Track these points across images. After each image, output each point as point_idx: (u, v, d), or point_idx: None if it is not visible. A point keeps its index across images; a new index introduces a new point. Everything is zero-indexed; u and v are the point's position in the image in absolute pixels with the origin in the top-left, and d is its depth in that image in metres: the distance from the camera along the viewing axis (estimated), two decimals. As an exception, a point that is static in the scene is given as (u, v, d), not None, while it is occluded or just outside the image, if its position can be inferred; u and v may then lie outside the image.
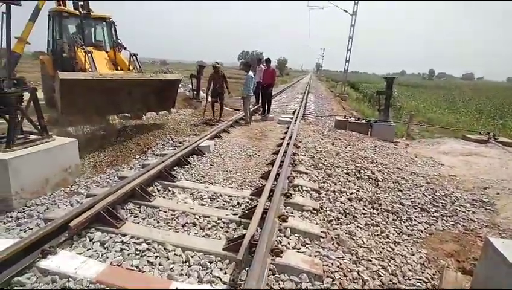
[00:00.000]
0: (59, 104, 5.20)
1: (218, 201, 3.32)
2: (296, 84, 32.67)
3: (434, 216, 3.90)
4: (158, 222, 2.80)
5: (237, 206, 3.23)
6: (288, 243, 2.51)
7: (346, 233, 3.15)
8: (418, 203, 4.14)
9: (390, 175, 4.95)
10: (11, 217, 3.07)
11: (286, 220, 2.83)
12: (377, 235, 3.32)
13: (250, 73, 8.10)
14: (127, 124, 6.96)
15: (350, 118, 9.50)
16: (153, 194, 3.36)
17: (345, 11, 20.15)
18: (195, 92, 11.60)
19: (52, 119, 6.02)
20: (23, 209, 3.21)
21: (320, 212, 3.38)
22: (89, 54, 6.40)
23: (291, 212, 3.17)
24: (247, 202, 3.33)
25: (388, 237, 3.31)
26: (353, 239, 3.08)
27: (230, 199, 3.37)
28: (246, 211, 2.96)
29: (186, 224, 2.76)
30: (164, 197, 3.39)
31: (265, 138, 6.58)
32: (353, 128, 8.67)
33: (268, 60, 9.51)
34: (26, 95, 3.81)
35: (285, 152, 4.97)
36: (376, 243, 3.16)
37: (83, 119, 6.01)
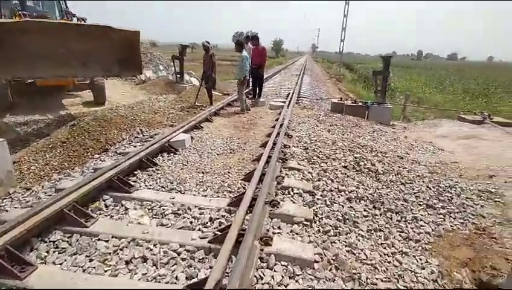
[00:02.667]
0: None
1: (185, 217, 2.65)
2: (291, 66, 31.68)
3: (441, 213, 3.41)
4: (91, 261, 2.03)
5: (209, 224, 2.57)
6: (272, 278, 1.92)
7: (345, 246, 2.62)
8: (423, 199, 3.64)
9: (391, 165, 4.40)
10: None
11: (270, 243, 2.24)
12: (381, 244, 2.81)
13: (244, 53, 7.15)
14: (88, 113, 6.18)
15: (346, 100, 8.88)
16: (96, 214, 2.64)
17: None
18: (178, 76, 10.82)
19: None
20: None
21: (315, 222, 2.82)
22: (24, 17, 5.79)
23: (278, 227, 2.59)
24: (223, 216, 2.69)
25: (394, 245, 2.80)
26: (354, 254, 2.56)
27: (202, 214, 2.71)
28: (219, 233, 2.32)
29: (133, 259, 2.03)
30: (112, 216, 2.64)
31: (254, 126, 5.93)
32: (350, 111, 8.08)
33: (255, 38, 8.59)
34: None
35: (274, 144, 4.37)
36: (381, 255, 2.65)
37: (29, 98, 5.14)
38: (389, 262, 2.59)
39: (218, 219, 2.67)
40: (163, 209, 2.78)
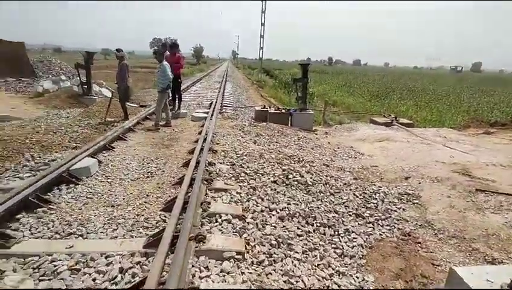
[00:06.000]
0: None
1: (86, 274, 2.05)
2: (213, 73, 31.39)
3: (370, 222, 3.47)
4: None
5: (119, 278, 2.03)
6: None
7: (282, 275, 2.39)
8: (352, 208, 3.68)
9: (319, 175, 4.41)
10: None
11: (196, 295, 1.84)
12: (318, 265, 2.65)
13: (165, 62, 6.60)
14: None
15: (270, 108, 8.94)
16: None
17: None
18: (85, 86, 9.45)
19: None
20: None
21: (248, 252, 2.51)
22: None
23: (206, 268, 2.20)
24: (138, 263, 2.18)
25: (330, 266, 2.68)
26: (292, 284, 2.33)
27: (109, 265, 2.14)
28: None
29: None
30: None
31: (175, 142, 5.36)
32: (274, 119, 8.14)
33: (174, 45, 8.03)
34: None
35: (198, 162, 3.95)
36: (319, 279, 2.49)
37: None
38: (327, 287, 2.44)
39: (132, 268, 2.15)
40: (56, 266, 2.13)
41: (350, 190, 4.15)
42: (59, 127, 5.84)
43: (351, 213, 3.58)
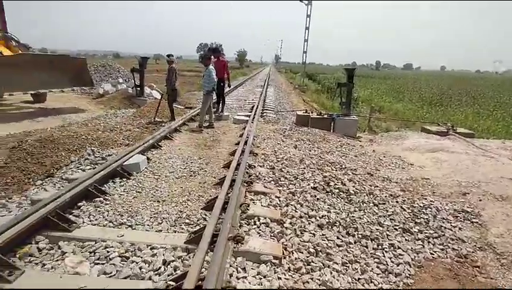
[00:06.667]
0: None
1: (133, 262, 2.20)
2: (256, 76, 31.88)
3: (419, 239, 3.19)
4: None
5: (162, 269, 2.15)
6: None
7: (320, 285, 2.30)
8: (399, 222, 3.43)
9: (362, 184, 4.20)
10: None
11: (233, 295, 1.86)
12: (359, 279, 2.51)
13: (211, 66, 6.93)
14: (31, 133, 5.45)
15: (312, 113, 8.78)
16: (24, 262, 2.16)
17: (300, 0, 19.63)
18: (138, 89, 10.22)
19: None
20: None
21: (285, 258, 2.47)
22: None
23: (243, 269, 2.21)
24: (180, 258, 2.27)
25: (372, 281, 2.52)
26: (330, 296, 2.24)
27: (154, 256, 2.27)
28: (173, 283, 1.92)
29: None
30: (44, 264, 2.17)
31: (217, 144, 5.52)
32: (315, 124, 7.95)
33: (216, 50, 8.34)
34: None
35: (238, 164, 4.02)
36: (359, 296, 2.35)
37: None
38: (369, 304, 2.30)
39: (174, 261, 2.26)
40: (109, 252, 2.34)
41: (397, 202, 3.88)
42: (115, 125, 6.36)
43: (397, 227, 3.33)
